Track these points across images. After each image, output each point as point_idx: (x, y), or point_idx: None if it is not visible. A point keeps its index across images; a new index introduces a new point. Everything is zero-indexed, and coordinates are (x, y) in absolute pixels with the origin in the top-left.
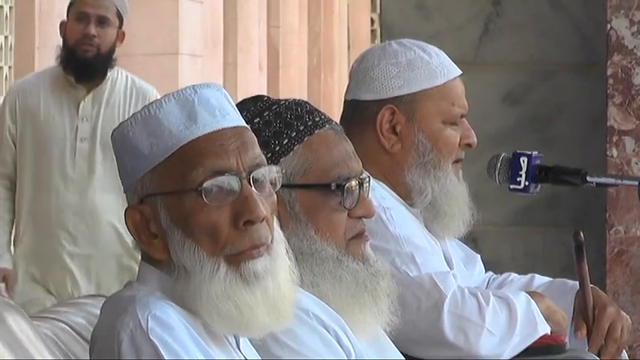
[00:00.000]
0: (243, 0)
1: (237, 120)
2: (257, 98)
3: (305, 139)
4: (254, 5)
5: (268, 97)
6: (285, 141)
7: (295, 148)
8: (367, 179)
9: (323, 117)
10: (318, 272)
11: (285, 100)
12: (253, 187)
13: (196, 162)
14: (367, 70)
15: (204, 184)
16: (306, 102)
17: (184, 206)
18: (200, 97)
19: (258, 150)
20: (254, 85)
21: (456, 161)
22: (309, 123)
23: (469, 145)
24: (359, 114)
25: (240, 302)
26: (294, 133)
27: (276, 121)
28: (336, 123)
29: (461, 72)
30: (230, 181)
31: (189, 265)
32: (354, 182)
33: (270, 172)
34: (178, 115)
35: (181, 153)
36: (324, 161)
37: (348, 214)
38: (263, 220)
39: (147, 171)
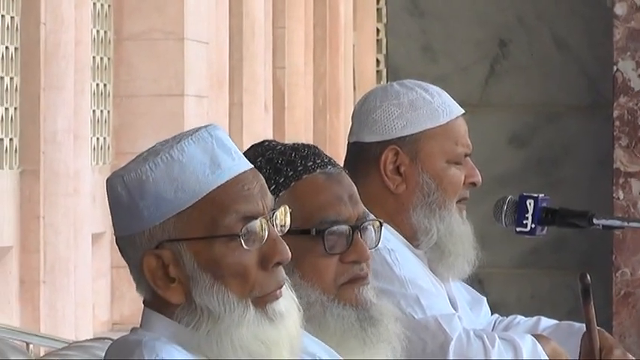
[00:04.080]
0: (249, 41)
1: (247, 161)
2: (261, 143)
3: (292, 184)
4: (259, 46)
5: (270, 141)
6: (273, 187)
7: (281, 194)
8: (369, 223)
9: (318, 161)
10: (305, 318)
11: (284, 144)
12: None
13: (228, 207)
14: (369, 111)
15: (242, 230)
16: (307, 146)
17: (214, 251)
18: (216, 139)
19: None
20: (260, 126)
21: (460, 200)
22: (300, 168)
23: (474, 184)
24: (363, 156)
25: (268, 340)
26: (282, 179)
27: (267, 167)
28: (333, 166)
29: (463, 111)
30: (262, 225)
31: (216, 308)
32: (341, 227)
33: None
34: (201, 159)
35: (210, 198)
36: (307, 207)
37: (340, 259)
38: None
39: (170, 216)
